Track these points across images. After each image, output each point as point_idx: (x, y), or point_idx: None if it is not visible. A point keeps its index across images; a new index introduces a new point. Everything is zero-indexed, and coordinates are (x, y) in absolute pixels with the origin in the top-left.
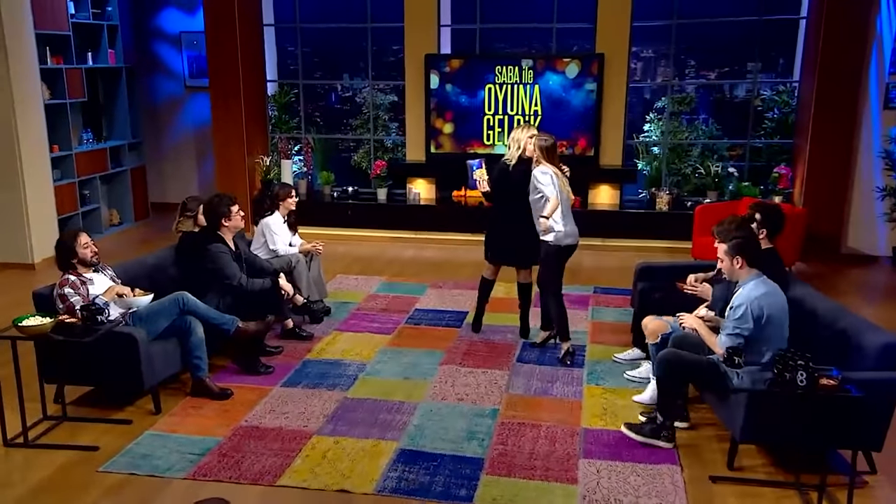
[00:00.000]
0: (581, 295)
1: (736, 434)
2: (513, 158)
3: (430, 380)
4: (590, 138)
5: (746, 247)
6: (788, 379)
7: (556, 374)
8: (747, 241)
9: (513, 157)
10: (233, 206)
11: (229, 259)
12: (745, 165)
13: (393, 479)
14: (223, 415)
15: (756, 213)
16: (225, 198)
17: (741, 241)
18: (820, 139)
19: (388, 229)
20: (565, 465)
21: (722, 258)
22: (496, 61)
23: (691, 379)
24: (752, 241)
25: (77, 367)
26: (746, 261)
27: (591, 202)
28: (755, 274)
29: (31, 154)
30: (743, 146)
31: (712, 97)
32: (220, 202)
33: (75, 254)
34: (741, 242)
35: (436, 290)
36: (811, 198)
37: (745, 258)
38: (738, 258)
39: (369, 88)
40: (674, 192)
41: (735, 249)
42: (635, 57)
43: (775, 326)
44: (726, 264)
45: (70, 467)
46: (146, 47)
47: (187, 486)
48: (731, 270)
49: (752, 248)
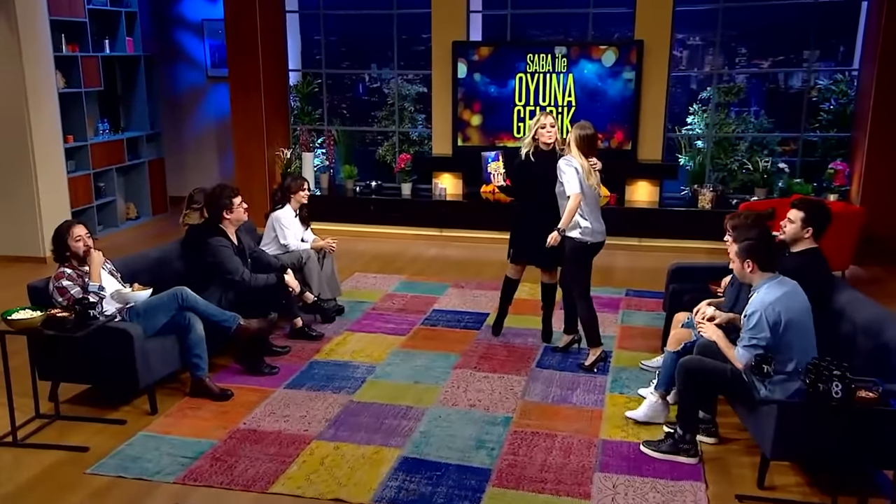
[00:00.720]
0: (612, 297)
1: (766, 450)
2: (526, 147)
3: (442, 384)
4: (627, 131)
5: (758, 249)
6: (822, 390)
7: (577, 380)
8: (760, 243)
9: (527, 146)
10: (235, 197)
11: (231, 253)
12: (797, 161)
13: (392, 488)
14: (221, 416)
15: (801, 210)
16: (227, 189)
17: (753, 244)
18: (880, 132)
19: (412, 226)
20: (579, 479)
21: (732, 259)
22: (527, 49)
23: (714, 388)
24: (766, 242)
25: (71, 363)
26: (758, 264)
27: (628, 199)
28: (769, 277)
29: (43, 144)
30: (796, 140)
31: (765, 87)
32: (221, 193)
33: (68, 248)
34: (753, 244)
35: (457, 290)
36: (869, 196)
37: (757, 261)
38: (749, 262)
39: (395, 78)
40: (718, 188)
41: (745, 252)
42: (681, 45)
43: (796, 332)
44: (737, 266)
45: (58, 468)
46: (167, 35)
47: (175, 491)
48: (741, 273)
49: (765, 251)
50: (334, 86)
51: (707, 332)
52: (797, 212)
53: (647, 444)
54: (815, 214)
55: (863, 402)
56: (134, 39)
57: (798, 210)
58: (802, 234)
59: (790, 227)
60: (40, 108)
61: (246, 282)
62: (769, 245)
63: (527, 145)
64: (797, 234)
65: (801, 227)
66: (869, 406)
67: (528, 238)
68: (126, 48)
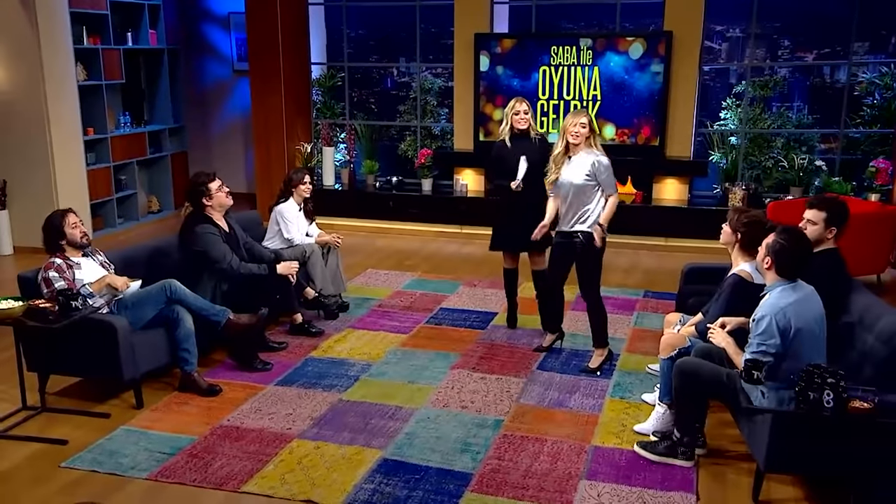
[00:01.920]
0: (628, 299)
1: (760, 461)
2: (503, 134)
3: (436, 384)
4: (654, 126)
5: (788, 257)
6: (812, 399)
7: (577, 384)
8: (793, 252)
9: (505, 133)
10: (211, 182)
11: (217, 239)
12: (836, 158)
13: (367, 491)
14: (206, 412)
15: (822, 210)
16: (201, 175)
17: (784, 246)
18: None
19: (432, 223)
20: (562, 487)
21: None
22: (551, 41)
23: (708, 393)
24: (800, 255)
25: (58, 356)
26: (776, 268)
27: (656, 197)
28: (785, 280)
29: (62, 136)
30: (837, 136)
31: (809, 82)
32: (196, 181)
33: (63, 234)
34: (784, 247)
35: (469, 288)
36: None
37: (776, 265)
38: (769, 259)
39: (416, 71)
40: (751, 187)
41: (773, 251)
42: (720, 37)
43: (805, 340)
44: (760, 254)
45: (34, 460)
46: (194, 28)
47: (147, 488)
48: (759, 262)
49: (793, 263)
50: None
51: (717, 339)
52: (818, 212)
53: (642, 445)
54: (837, 213)
55: (856, 413)
56: (157, 32)
57: (819, 210)
58: (826, 234)
59: (812, 229)
60: (59, 100)
61: (234, 269)
62: (799, 257)
63: (504, 132)
64: (820, 235)
65: (824, 228)
66: (863, 418)
67: (509, 224)
68: (149, 41)
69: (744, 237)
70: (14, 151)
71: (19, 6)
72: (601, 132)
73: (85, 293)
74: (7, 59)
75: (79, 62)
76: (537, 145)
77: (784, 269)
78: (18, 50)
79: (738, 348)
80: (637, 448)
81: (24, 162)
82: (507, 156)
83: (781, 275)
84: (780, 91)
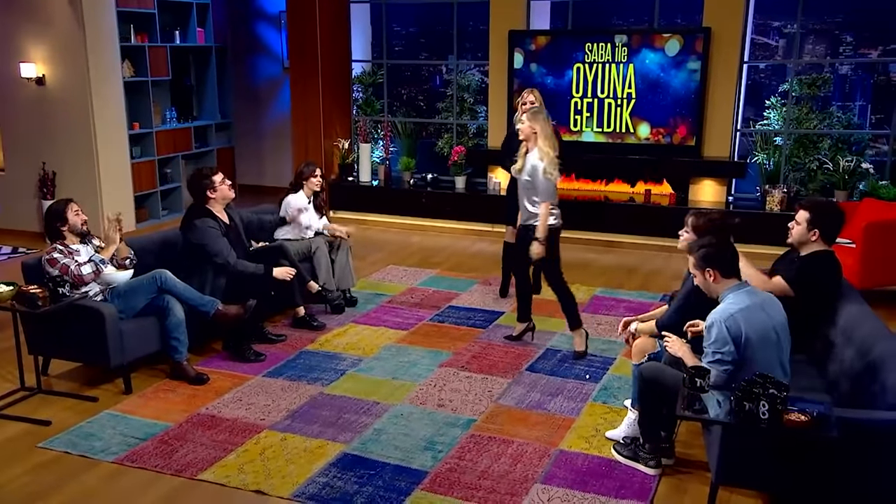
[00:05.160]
0: (642, 302)
1: (713, 473)
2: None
3: (420, 382)
4: (691, 126)
5: (717, 256)
6: (748, 409)
7: (563, 387)
8: (718, 249)
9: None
10: (215, 175)
11: (217, 234)
12: (887, 161)
13: (318, 484)
14: (189, 400)
15: (806, 210)
16: (204, 168)
17: (709, 251)
18: None
19: (464, 220)
20: (514, 489)
21: (694, 273)
22: (586, 38)
23: (669, 399)
24: (724, 247)
25: (52, 340)
26: (720, 271)
27: (692, 199)
28: (735, 285)
29: (107, 130)
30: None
31: (873, 79)
32: (199, 174)
33: (66, 220)
34: (709, 252)
35: (483, 286)
36: None
37: (719, 269)
38: (710, 271)
39: (455, 69)
40: (792, 189)
41: (704, 261)
42: (777, 33)
43: (759, 348)
44: (699, 280)
45: (16, 440)
46: (245, 26)
47: (111, 472)
48: (705, 285)
49: (725, 255)
50: (412, 77)
51: (673, 348)
52: (803, 212)
53: (616, 444)
54: (821, 215)
55: (792, 426)
56: (206, 30)
57: (804, 210)
58: (809, 236)
59: (796, 229)
60: (104, 96)
61: (231, 265)
62: (728, 249)
63: (516, 120)
64: (803, 236)
65: (806, 229)
66: (797, 431)
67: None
68: (196, 39)
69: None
70: (61, 145)
71: (66, 4)
72: (636, 131)
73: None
74: (54, 56)
75: (126, 59)
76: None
77: (726, 268)
78: (65, 46)
79: (696, 357)
80: (613, 448)
81: (71, 155)
82: (514, 141)
83: (728, 275)
84: (829, 90)
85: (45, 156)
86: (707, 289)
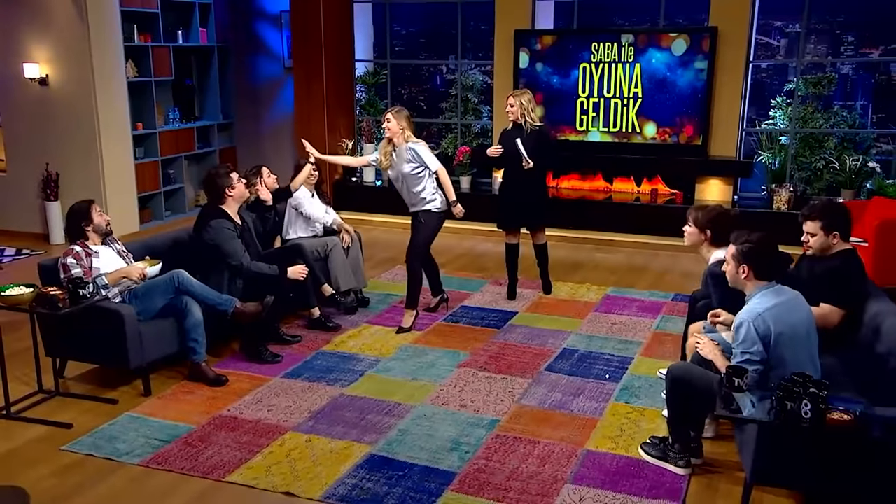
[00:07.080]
0: (654, 302)
1: (748, 472)
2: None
3: (440, 382)
4: (697, 125)
5: (757, 255)
6: (790, 409)
7: (583, 387)
8: (760, 248)
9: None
10: (233, 173)
11: (231, 235)
12: (894, 160)
13: (347, 485)
14: (209, 402)
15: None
16: (222, 167)
17: (752, 247)
18: None
19: (469, 221)
20: (545, 490)
21: (728, 262)
22: (592, 37)
23: (698, 399)
24: (768, 248)
25: (70, 342)
26: (755, 271)
27: (698, 198)
28: (765, 285)
29: (110, 130)
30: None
31: (874, 79)
32: (217, 172)
33: (90, 220)
34: (752, 248)
35: (494, 286)
36: None
37: (754, 268)
38: (745, 267)
39: (458, 69)
40: (799, 188)
41: (744, 256)
42: (779, 33)
43: (789, 346)
44: (730, 269)
45: (37, 442)
46: (246, 26)
47: (136, 474)
48: (734, 278)
49: (765, 257)
50: (413, 77)
51: (704, 350)
52: (812, 223)
53: (643, 444)
54: (833, 217)
55: (835, 425)
56: (208, 31)
57: (814, 221)
58: (831, 241)
59: (815, 241)
60: (108, 96)
61: (245, 266)
62: (772, 253)
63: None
64: (825, 243)
65: (825, 236)
66: (841, 431)
67: (510, 204)
68: (199, 39)
69: (714, 232)
70: (65, 145)
71: (70, 4)
72: (642, 130)
73: (100, 283)
74: (58, 56)
75: (129, 59)
76: (532, 135)
77: (762, 270)
78: (69, 46)
79: (727, 359)
80: (640, 448)
81: (75, 155)
82: (504, 140)
83: (761, 277)
84: (833, 90)
85: (48, 156)
86: (735, 282)
